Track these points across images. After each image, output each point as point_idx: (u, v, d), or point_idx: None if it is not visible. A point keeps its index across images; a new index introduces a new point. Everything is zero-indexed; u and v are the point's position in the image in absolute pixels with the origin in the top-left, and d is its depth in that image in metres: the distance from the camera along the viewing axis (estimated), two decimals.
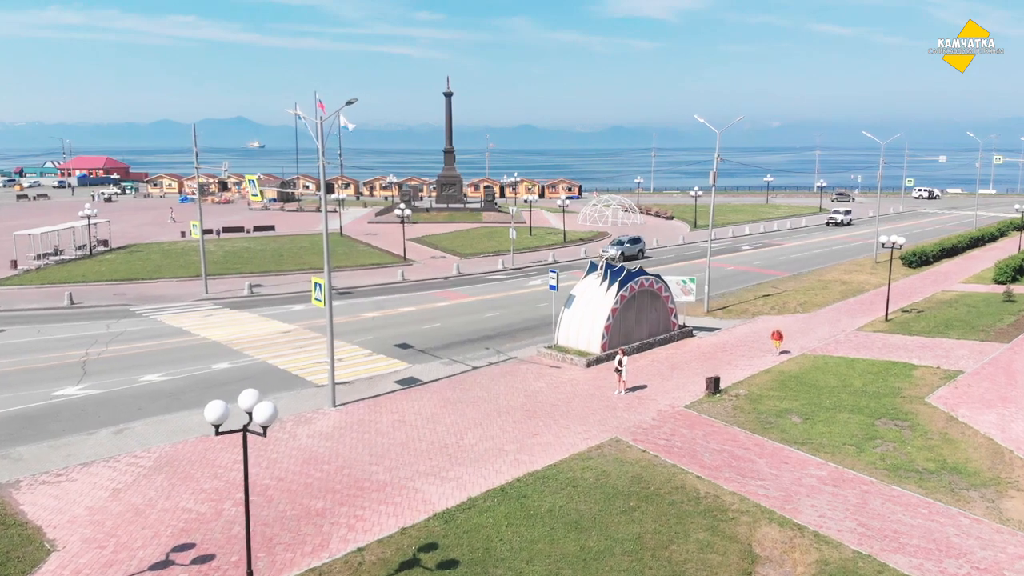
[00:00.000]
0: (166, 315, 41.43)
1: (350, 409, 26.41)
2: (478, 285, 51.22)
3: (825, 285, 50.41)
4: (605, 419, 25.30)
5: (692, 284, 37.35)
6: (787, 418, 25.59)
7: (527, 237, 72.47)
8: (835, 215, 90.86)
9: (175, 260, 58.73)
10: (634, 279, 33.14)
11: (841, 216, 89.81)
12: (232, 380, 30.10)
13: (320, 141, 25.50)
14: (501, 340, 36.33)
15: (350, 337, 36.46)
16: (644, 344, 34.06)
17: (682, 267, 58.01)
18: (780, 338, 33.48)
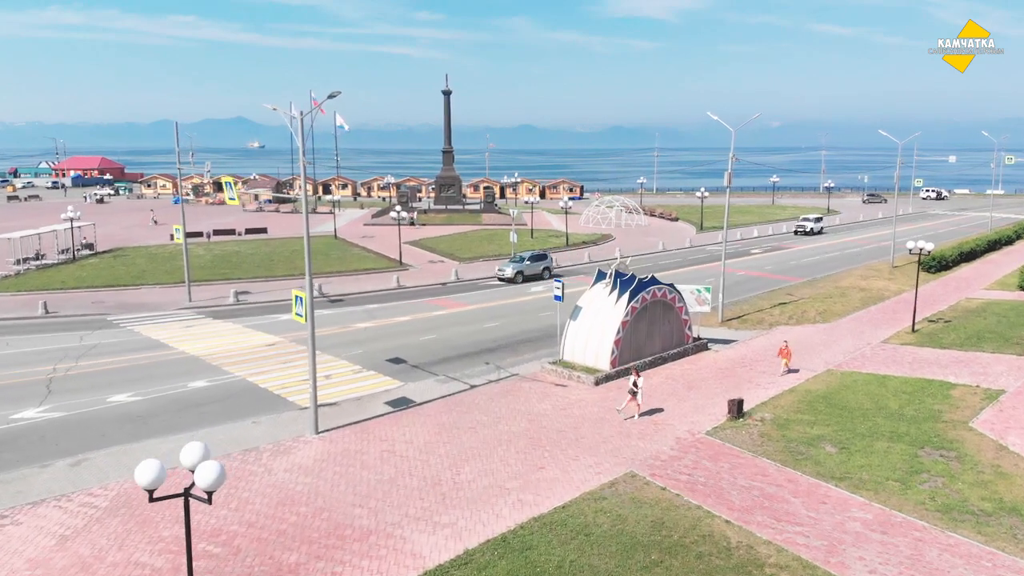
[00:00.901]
0: (145, 326, 38.85)
1: (335, 437, 23.81)
2: (477, 292, 48.65)
3: (843, 292, 47.82)
4: (618, 448, 22.71)
5: (707, 293, 34.77)
6: (820, 447, 23.01)
7: (528, 240, 69.89)
8: (804, 223, 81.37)
9: (160, 265, 56.14)
10: (646, 289, 30.57)
11: (811, 224, 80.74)
12: (207, 400, 27.53)
13: (301, 139, 22.94)
14: (502, 354, 33.76)
15: (339, 351, 33.88)
16: (657, 359, 31.48)
17: (691, 272, 55.42)
18: (788, 355, 30.51)
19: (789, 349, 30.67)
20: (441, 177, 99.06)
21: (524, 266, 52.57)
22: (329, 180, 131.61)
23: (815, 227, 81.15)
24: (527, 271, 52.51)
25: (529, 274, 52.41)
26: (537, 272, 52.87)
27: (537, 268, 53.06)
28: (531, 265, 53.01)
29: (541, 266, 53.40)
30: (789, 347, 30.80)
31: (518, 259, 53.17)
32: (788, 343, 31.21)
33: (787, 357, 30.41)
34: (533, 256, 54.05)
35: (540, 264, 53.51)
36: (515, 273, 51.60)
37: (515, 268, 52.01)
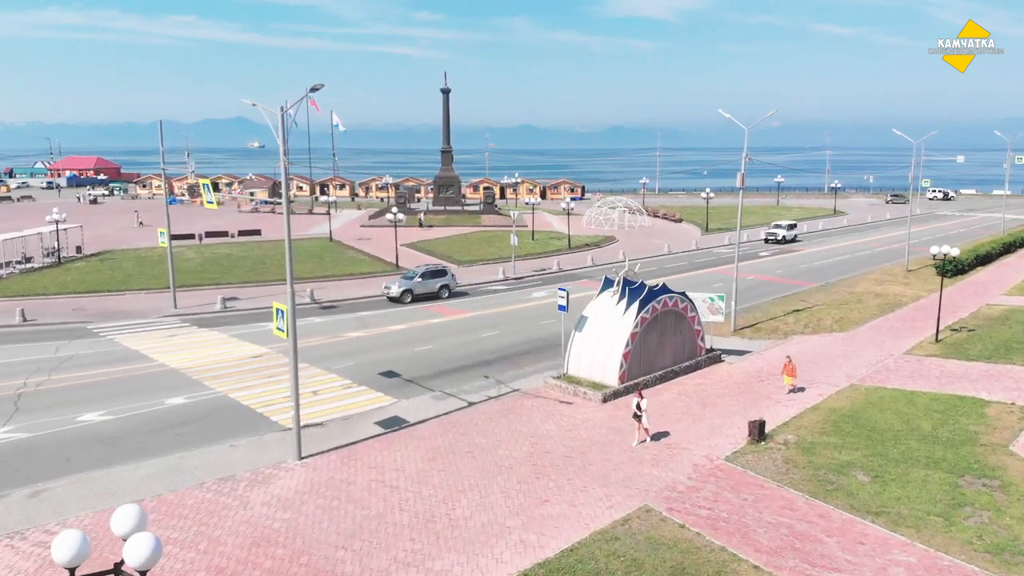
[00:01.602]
0: (125, 335, 36.83)
1: (319, 463, 21.78)
2: (476, 298, 46.60)
3: (859, 298, 45.77)
4: (630, 477, 20.68)
5: (720, 302, 32.74)
6: (851, 475, 20.97)
7: (529, 242, 67.85)
8: (775, 231, 72.58)
9: (148, 269, 54.11)
10: (656, 298, 28.54)
11: (783, 232, 72.33)
12: (184, 420, 25.51)
13: (282, 136, 20.92)
14: (502, 366, 31.72)
15: (329, 363, 31.83)
16: (668, 373, 29.45)
17: (699, 277, 53.39)
18: (793, 372, 27.85)
19: (793, 365, 27.96)
20: (440, 177, 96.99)
21: (414, 284, 45.14)
22: (327, 180, 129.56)
23: (787, 235, 72.42)
24: (418, 289, 45.00)
25: (420, 293, 45.00)
26: (432, 291, 45.47)
27: (432, 286, 45.57)
28: (423, 283, 45.40)
29: (438, 283, 45.80)
30: (793, 363, 28.16)
31: (410, 275, 46.24)
32: (792, 359, 28.35)
33: (791, 375, 27.83)
34: (428, 272, 46.39)
35: (436, 281, 45.85)
36: (401, 292, 44.35)
37: (402, 286, 44.73)
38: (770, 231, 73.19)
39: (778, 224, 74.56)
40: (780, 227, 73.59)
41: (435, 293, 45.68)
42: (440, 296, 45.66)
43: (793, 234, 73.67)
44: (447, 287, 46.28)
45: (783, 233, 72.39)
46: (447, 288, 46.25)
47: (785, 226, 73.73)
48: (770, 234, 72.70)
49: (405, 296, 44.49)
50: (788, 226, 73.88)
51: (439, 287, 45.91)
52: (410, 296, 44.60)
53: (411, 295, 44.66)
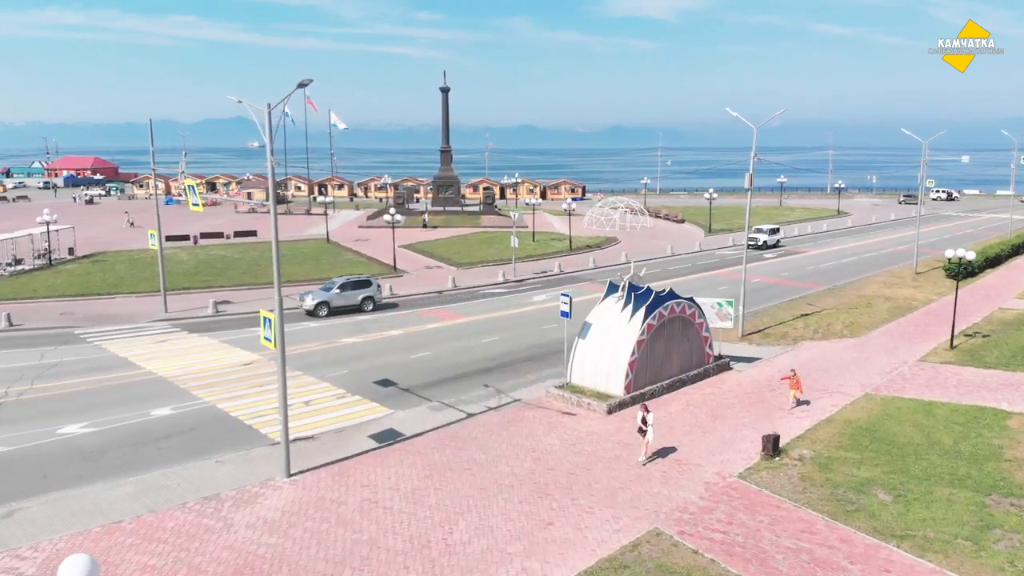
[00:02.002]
0: (113, 341, 35.66)
1: (309, 481, 20.61)
2: (476, 301, 45.42)
3: (868, 302, 44.59)
4: (638, 497, 19.50)
5: (730, 307, 31.55)
6: (871, 494, 19.80)
7: (530, 244, 66.70)
8: (755, 235, 67.39)
9: (140, 271, 52.92)
10: (663, 304, 27.36)
11: (764, 236, 67.85)
12: (169, 432, 24.34)
13: (269, 134, 19.77)
14: (502, 374, 30.55)
15: (322, 371, 30.65)
16: (675, 382, 28.27)
17: (704, 280, 52.23)
18: (798, 386, 26.21)
19: (798, 378, 26.31)
20: (439, 177, 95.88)
21: (331, 296, 40.71)
22: (325, 180, 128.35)
23: (768, 240, 68.23)
24: (336, 302, 40.66)
25: (338, 306, 40.76)
26: (354, 303, 41.24)
27: (353, 298, 41.23)
28: (341, 295, 40.92)
29: (359, 296, 41.35)
30: (798, 376, 26.44)
31: (328, 286, 41.80)
32: (796, 372, 26.68)
33: (797, 388, 26.16)
34: (348, 283, 41.68)
35: (358, 293, 41.40)
36: (316, 305, 40.18)
37: (317, 298, 40.50)
38: (750, 236, 65.33)
39: (759, 228, 69.82)
40: (761, 231, 69.00)
41: (357, 306, 41.24)
42: (363, 309, 41.19)
43: (775, 239, 69.22)
44: (371, 299, 41.70)
45: (764, 238, 67.92)
46: (371, 300, 41.67)
47: (767, 230, 69.06)
48: (750, 239, 65.94)
49: (320, 309, 40.20)
50: (770, 230, 69.23)
51: (361, 299, 41.36)
52: (326, 309, 40.26)
53: (327, 308, 40.36)
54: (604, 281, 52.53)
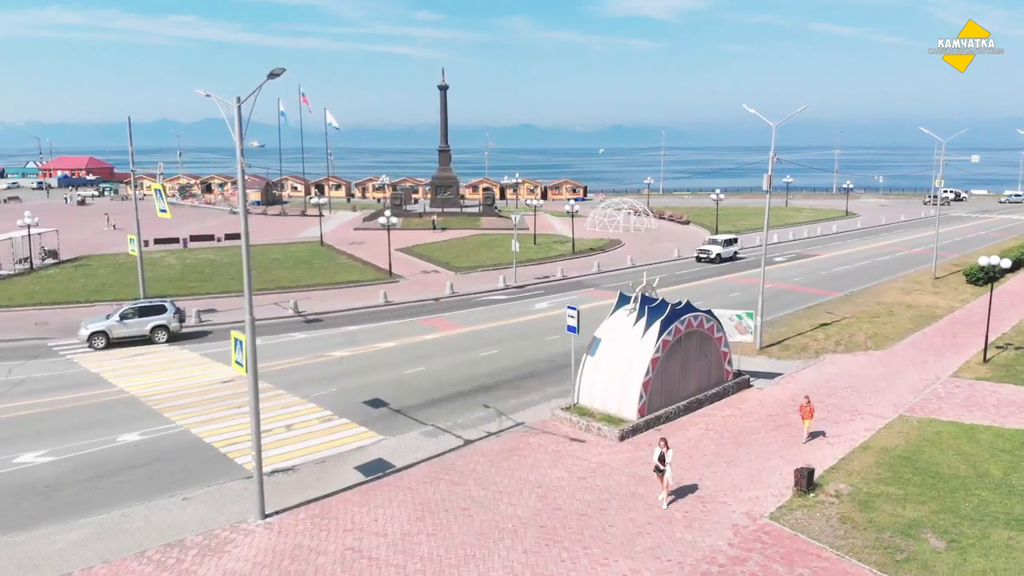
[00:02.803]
0: (87, 354, 33.30)
1: (285, 523, 18.23)
2: (474, 310, 43.02)
3: (889, 310, 42.23)
4: (660, 544, 17.14)
5: (750, 320, 29.16)
6: (922, 539, 17.45)
7: (531, 247, 64.35)
8: (708, 248, 60.43)
9: (124, 277, 50.51)
10: (680, 318, 25.00)
11: (718, 249, 59.79)
12: (135, 462, 21.99)
13: (238, 130, 17.42)
14: (503, 392, 28.18)
15: (308, 389, 28.27)
16: (693, 403, 25.91)
17: (714, 286, 49.87)
18: (811, 415, 23.14)
19: (812, 406, 23.25)
20: (437, 178, 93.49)
21: (110, 325, 34.39)
22: (322, 180, 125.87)
23: (723, 252, 59.79)
24: (117, 332, 34.38)
25: (120, 336, 34.51)
26: (141, 333, 34.91)
27: (141, 327, 34.89)
28: (122, 324, 34.59)
29: (149, 324, 34.96)
30: (812, 403, 23.37)
31: (125, 311, 35.08)
32: (811, 399, 23.61)
33: (809, 417, 23.11)
34: (134, 310, 35.15)
35: (147, 321, 35.02)
36: (91, 335, 34.10)
37: (94, 327, 34.32)
38: (702, 248, 61.11)
39: (713, 239, 62.58)
40: (715, 243, 61.22)
41: (146, 337, 34.91)
42: (154, 340, 34.89)
43: (732, 251, 60.92)
44: (164, 328, 35.28)
45: (717, 251, 59.78)
46: (164, 329, 35.27)
47: (721, 242, 61.04)
48: (702, 251, 60.50)
49: (96, 340, 33.99)
50: (725, 241, 61.22)
51: (151, 328, 35.00)
52: (104, 340, 34.04)
53: (105, 339, 34.08)
54: (610, 287, 50.58)
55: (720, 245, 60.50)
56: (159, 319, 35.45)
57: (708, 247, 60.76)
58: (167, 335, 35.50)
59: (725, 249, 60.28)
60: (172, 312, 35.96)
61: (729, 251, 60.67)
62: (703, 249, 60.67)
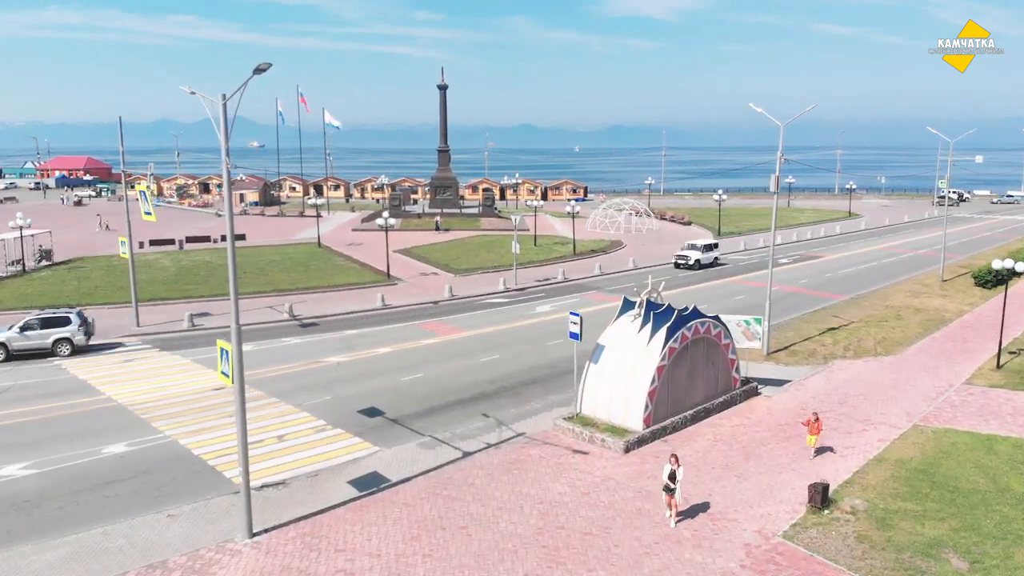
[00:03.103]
0: (76, 360, 32.43)
1: (274, 543, 17.35)
2: (474, 313, 42.14)
3: (897, 314, 41.35)
4: (668, 566, 16.26)
5: (758, 325, 28.25)
6: (943, 560, 16.59)
7: (531, 248, 63.48)
8: (687, 253, 56.86)
9: (117, 279, 49.60)
10: (686, 324, 24.11)
11: (697, 255, 56.42)
12: (120, 475, 21.12)
13: (223, 128, 16.56)
14: (503, 400, 27.30)
15: (301, 397, 27.39)
16: (700, 412, 25.02)
17: (717, 288, 49.00)
18: (818, 431, 21.79)
19: (820, 423, 21.88)
20: (436, 178, 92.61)
21: (9, 337, 32.48)
22: (320, 181, 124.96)
23: (703, 258, 56.51)
24: (16, 344, 32.47)
25: (21, 348, 32.58)
26: (43, 346, 32.78)
27: (42, 340, 32.82)
28: (22, 337, 32.60)
29: (52, 337, 32.88)
30: (820, 420, 22.02)
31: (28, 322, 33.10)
32: (819, 416, 22.14)
33: (816, 434, 21.79)
34: (36, 321, 33.09)
35: (51, 334, 32.91)
36: None
37: None
38: (680, 253, 57.51)
39: (692, 244, 58.56)
40: (695, 248, 57.49)
41: (48, 350, 32.83)
42: (57, 352, 32.81)
43: (712, 256, 57.80)
44: (68, 341, 33.03)
45: (696, 256, 56.39)
46: (68, 343, 33.02)
47: (701, 247, 57.73)
48: (680, 257, 57.10)
49: None
50: (705, 246, 58.11)
51: (54, 341, 32.90)
52: (3, 353, 32.27)
53: (5, 352, 32.32)
54: (612, 290, 49.70)
55: (699, 250, 57.13)
56: (63, 332, 33.20)
57: (687, 252, 57.06)
58: (71, 348, 33.14)
59: (705, 255, 57.12)
60: (77, 324, 33.59)
61: (709, 256, 57.60)
62: (681, 255, 57.09)
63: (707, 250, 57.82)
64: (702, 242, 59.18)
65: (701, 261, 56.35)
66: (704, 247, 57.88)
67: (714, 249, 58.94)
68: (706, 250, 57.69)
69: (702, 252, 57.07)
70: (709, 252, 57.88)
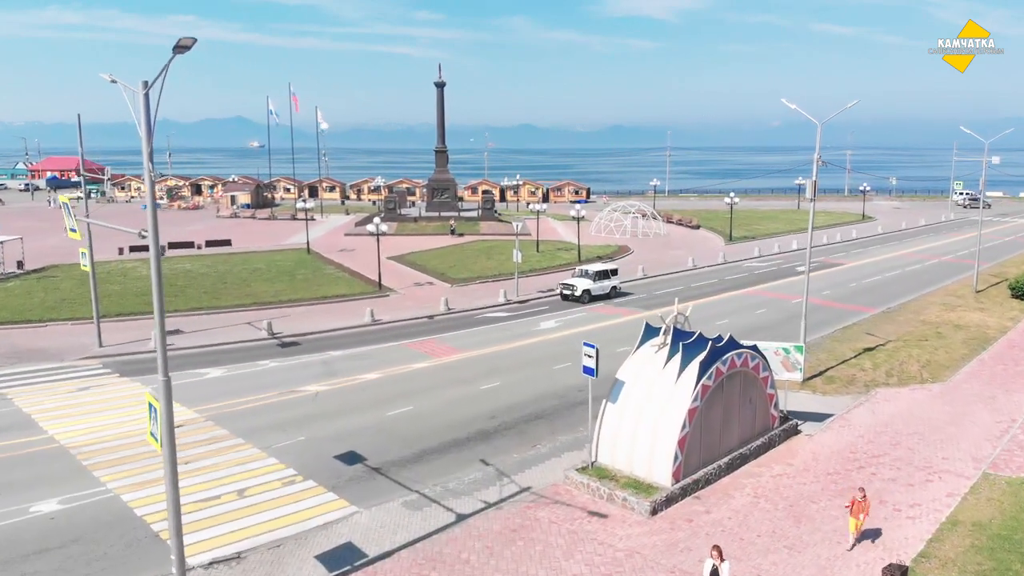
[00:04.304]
0: (24, 388, 28.78)
1: None
2: (472, 330, 38.48)
3: (937, 331, 37.73)
4: None
5: (799, 354, 24.58)
6: None
7: (534, 255, 59.86)
8: (574, 283, 45.20)
9: (89, 290, 45.90)
10: (721, 357, 20.49)
11: (587, 284, 44.93)
12: (46, 544, 17.50)
13: (145, 122, 12.93)
14: (504, 441, 23.68)
15: (270, 437, 23.74)
16: (735, 459, 21.41)
17: (735, 300, 45.39)
18: (865, 511, 17.14)
19: (867, 502, 17.23)
20: (434, 180, 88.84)
21: None
22: (315, 182, 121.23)
23: (596, 288, 44.99)
24: None
25: None
26: None
27: None
28: None
29: None
30: (867, 498, 17.34)
31: None
32: (865, 493, 17.38)
33: (863, 514, 17.16)
34: None
35: None
36: None
37: None
38: (567, 283, 45.91)
39: (583, 271, 46.62)
40: (585, 276, 45.78)
41: None
42: None
43: (607, 286, 45.85)
44: None
45: (585, 286, 44.73)
46: None
47: (592, 274, 45.78)
48: (566, 287, 45.39)
49: None
50: (597, 274, 45.92)
51: None
52: None
53: None
54: (621, 302, 45.97)
55: (590, 278, 45.32)
56: None
57: (573, 282, 45.23)
58: None
59: (597, 284, 45.35)
60: None
61: (603, 286, 45.61)
62: (567, 284, 45.55)
63: (601, 278, 45.86)
64: (595, 268, 47.06)
65: (592, 292, 45.00)
66: (596, 274, 45.93)
67: (611, 276, 46.62)
68: (599, 277, 45.81)
69: (594, 280, 45.46)
70: (604, 280, 45.91)
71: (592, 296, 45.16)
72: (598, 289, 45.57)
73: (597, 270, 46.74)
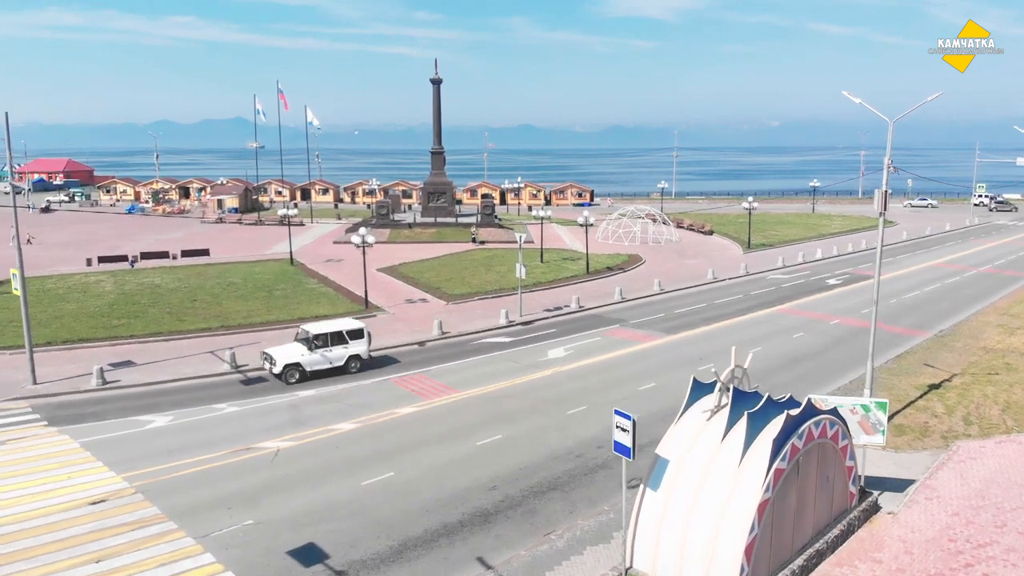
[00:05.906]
0: None
1: None
2: (470, 361, 33.40)
3: (1004, 361, 32.69)
4: None
5: (881, 412, 19.48)
6: None
7: (538, 266, 54.83)
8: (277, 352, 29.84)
9: (44, 309, 40.94)
10: (798, 430, 15.46)
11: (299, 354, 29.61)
12: None
13: None
14: (509, 527, 18.62)
15: (212, 521, 18.66)
16: (811, 558, 16.36)
17: (767, 322, 40.34)
18: None
19: None
20: (429, 183, 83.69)
21: None
22: (307, 185, 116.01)
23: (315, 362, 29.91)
24: None
25: None
26: None
27: None
28: None
29: None
30: None
31: None
32: None
33: None
34: None
35: None
36: None
37: None
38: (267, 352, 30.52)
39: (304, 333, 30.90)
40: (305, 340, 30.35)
41: None
42: None
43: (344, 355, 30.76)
44: None
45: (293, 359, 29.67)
46: None
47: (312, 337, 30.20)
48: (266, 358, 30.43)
49: None
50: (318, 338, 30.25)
51: None
52: None
53: None
54: (638, 323, 40.81)
55: (306, 346, 30.08)
56: None
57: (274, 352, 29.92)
58: None
59: (315, 355, 29.98)
60: None
61: (329, 357, 30.34)
62: (267, 354, 30.28)
63: (320, 345, 30.19)
64: (317, 329, 30.72)
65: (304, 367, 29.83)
66: (317, 339, 30.23)
67: (349, 341, 30.91)
68: (318, 345, 30.16)
69: (310, 348, 30.07)
70: (329, 348, 30.36)
71: (307, 374, 29.84)
72: (316, 362, 30.03)
73: (322, 332, 30.47)
